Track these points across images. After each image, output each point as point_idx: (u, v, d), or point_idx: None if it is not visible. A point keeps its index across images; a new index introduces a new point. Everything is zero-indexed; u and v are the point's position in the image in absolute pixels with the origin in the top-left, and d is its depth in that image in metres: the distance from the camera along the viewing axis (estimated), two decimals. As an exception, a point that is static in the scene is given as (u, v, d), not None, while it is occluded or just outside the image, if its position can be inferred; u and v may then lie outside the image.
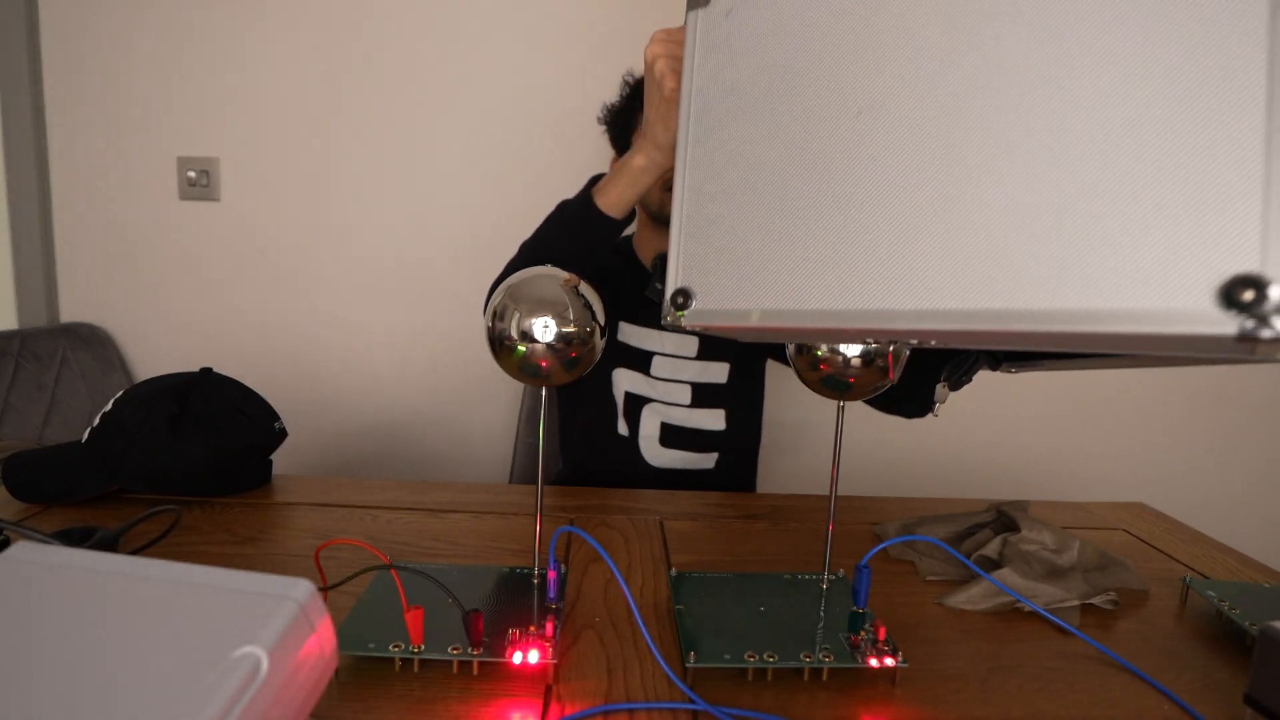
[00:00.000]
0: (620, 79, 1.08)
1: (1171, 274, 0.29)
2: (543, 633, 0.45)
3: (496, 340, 0.48)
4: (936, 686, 0.45)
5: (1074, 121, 0.32)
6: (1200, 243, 0.28)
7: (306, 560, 0.59)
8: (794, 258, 0.42)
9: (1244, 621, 0.51)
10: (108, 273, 1.50)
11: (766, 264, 0.43)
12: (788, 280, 0.42)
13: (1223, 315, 0.28)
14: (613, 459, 1.03)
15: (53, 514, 0.66)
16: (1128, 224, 0.30)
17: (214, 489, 0.73)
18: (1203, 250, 0.28)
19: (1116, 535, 0.75)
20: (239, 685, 0.27)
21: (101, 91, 1.45)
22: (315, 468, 1.52)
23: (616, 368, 1.03)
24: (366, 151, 1.47)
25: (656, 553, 0.64)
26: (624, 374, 1.02)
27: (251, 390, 0.79)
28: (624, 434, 1.02)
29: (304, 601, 0.32)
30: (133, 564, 0.33)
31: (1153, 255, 0.30)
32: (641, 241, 1.08)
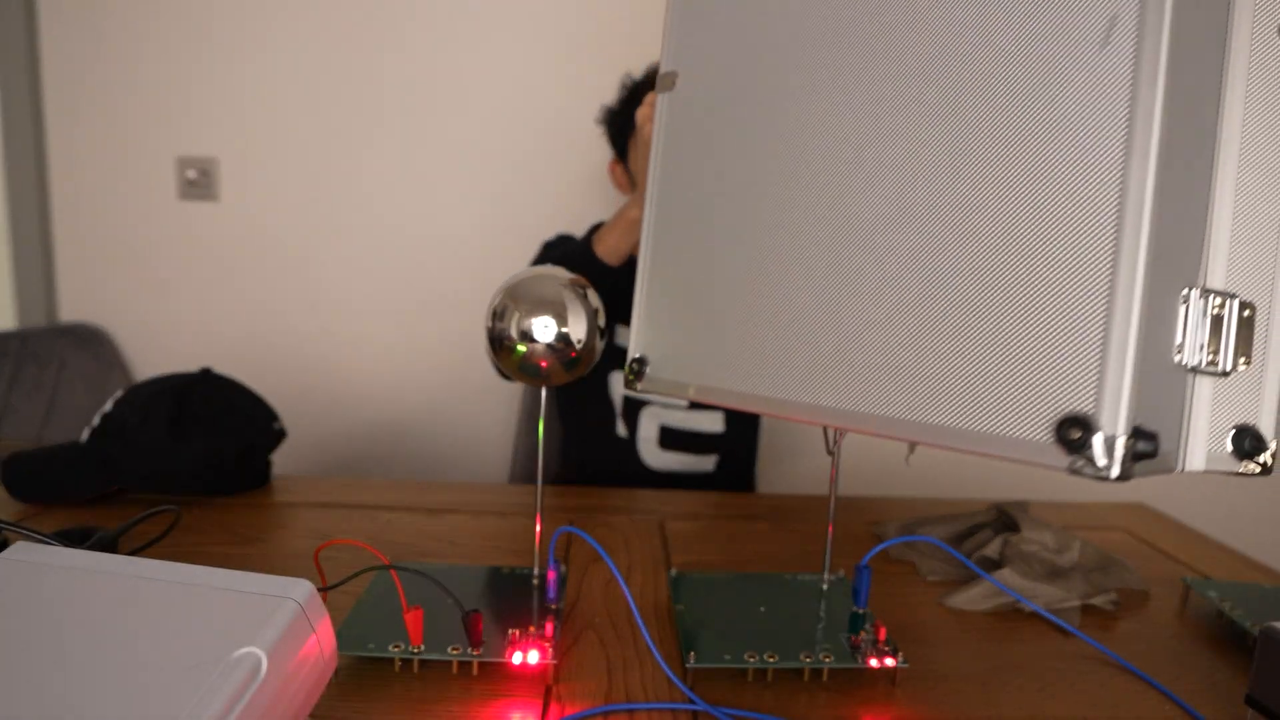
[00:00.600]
0: (619, 81, 1.08)
1: (1017, 406, 0.32)
2: (543, 633, 0.45)
3: (496, 340, 0.48)
4: (936, 686, 0.45)
5: (943, 260, 0.35)
6: (1043, 380, 0.31)
7: (306, 560, 0.59)
8: (720, 342, 0.46)
9: (1245, 622, 0.51)
10: (108, 273, 1.50)
11: (701, 343, 0.47)
12: (716, 361, 0.47)
13: (1055, 450, 0.30)
14: (612, 461, 1.03)
15: (53, 514, 0.66)
16: (986, 357, 0.33)
17: (214, 489, 0.73)
18: (1044, 387, 0.31)
19: (1116, 535, 0.75)
20: (239, 685, 0.27)
21: (101, 91, 1.45)
22: (315, 468, 1.52)
23: (614, 370, 1.03)
24: (367, 151, 1.47)
25: (656, 553, 0.64)
26: (621, 376, 1.02)
27: (251, 390, 0.79)
28: (623, 435, 1.02)
29: (304, 601, 0.32)
30: (132, 564, 0.33)
31: (1004, 387, 0.32)
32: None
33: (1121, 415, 0.29)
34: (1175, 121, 0.30)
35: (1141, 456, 0.29)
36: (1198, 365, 0.31)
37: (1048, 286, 0.32)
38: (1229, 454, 0.33)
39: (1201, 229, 0.32)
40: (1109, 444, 0.29)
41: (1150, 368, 0.30)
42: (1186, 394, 0.32)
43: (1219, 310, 0.32)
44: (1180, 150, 0.30)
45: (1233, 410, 0.33)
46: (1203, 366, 0.32)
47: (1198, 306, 0.31)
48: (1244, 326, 0.32)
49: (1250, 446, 0.32)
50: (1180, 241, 0.31)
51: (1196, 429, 0.32)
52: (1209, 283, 0.32)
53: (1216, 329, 0.32)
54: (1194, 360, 0.31)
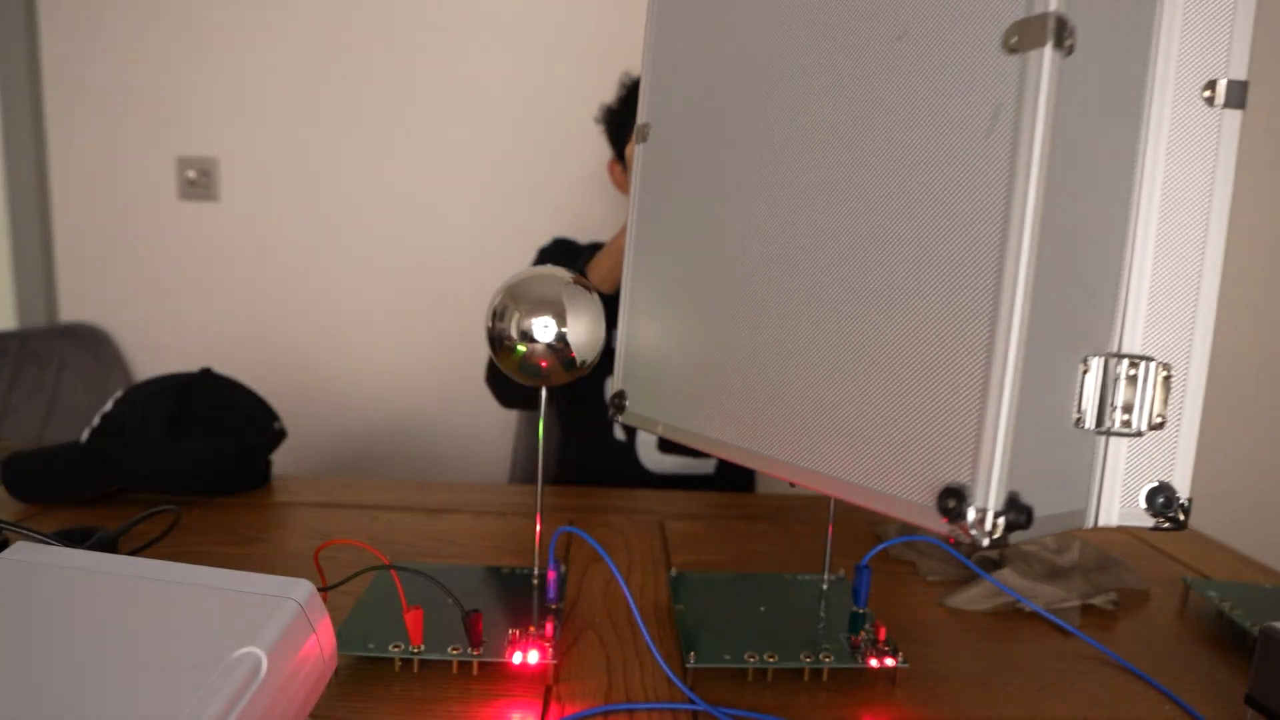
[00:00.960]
0: (618, 80, 1.08)
1: (909, 471, 0.34)
2: (543, 633, 0.45)
3: (496, 340, 0.48)
4: (936, 686, 0.45)
5: (849, 331, 0.37)
6: (930, 451, 0.33)
7: (306, 560, 0.59)
8: (684, 385, 0.49)
9: (1245, 622, 0.51)
10: (108, 273, 1.50)
11: (669, 384, 0.50)
12: (681, 402, 0.49)
13: (935, 514, 0.32)
14: (611, 465, 1.03)
15: (53, 514, 0.66)
16: (885, 425, 0.35)
17: (214, 489, 0.73)
18: (930, 457, 0.33)
19: (1116, 535, 0.75)
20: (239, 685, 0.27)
21: (101, 91, 1.45)
22: (315, 468, 1.52)
23: (610, 375, 1.02)
24: (366, 151, 1.47)
25: (656, 553, 0.64)
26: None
27: (251, 390, 0.79)
28: (621, 439, 1.02)
29: (304, 601, 0.32)
30: (133, 564, 0.33)
31: (899, 452, 0.35)
32: None
33: (993, 490, 0.30)
34: (1069, 201, 0.31)
35: (1015, 527, 0.30)
36: (1110, 428, 0.33)
37: (933, 362, 0.33)
38: (1143, 510, 0.34)
39: (1114, 298, 0.33)
40: (980, 516, 0.30)
41: (1043, 436, 0.32)
42: (1098, 455, 0.34)
43: (1134, 373, 0.33)
44: (1078, 228, 0.31)
45: (1149, 468, 0.34)
46: (1116, 428, 0.33)
47: (1108, 371, 0.33)
48: (1161, 387, 0.33)
49: (1163, 503, 0.34)
50: (1081, 313, 0.32)
51: (1111, 487, 0.34)
52: (1126, 347, 0.34)
53: (1132, 392, 0.33)
54: (1108, 423, 0.33)
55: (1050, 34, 0.29)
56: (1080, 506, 0.34)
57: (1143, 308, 0.34)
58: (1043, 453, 0.32)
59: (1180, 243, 0.34)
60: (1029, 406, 0.31)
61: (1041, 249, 0.30)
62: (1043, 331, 0.31)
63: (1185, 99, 0.33)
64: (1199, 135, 0.33)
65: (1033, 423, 0.31)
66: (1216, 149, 0.33)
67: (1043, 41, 0.29)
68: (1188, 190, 0.34)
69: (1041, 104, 0.29)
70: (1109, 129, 0.32)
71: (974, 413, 0.31)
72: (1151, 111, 0.33)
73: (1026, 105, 0.29)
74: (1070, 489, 0.33)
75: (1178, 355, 0.34)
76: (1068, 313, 0.32)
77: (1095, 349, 0.33)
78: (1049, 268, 0.30)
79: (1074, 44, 0.29)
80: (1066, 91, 0.30)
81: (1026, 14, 0.29)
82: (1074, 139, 0.30)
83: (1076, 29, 0.29)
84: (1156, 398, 0.33)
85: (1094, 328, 0.33)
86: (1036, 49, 0.29)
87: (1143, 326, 0.34)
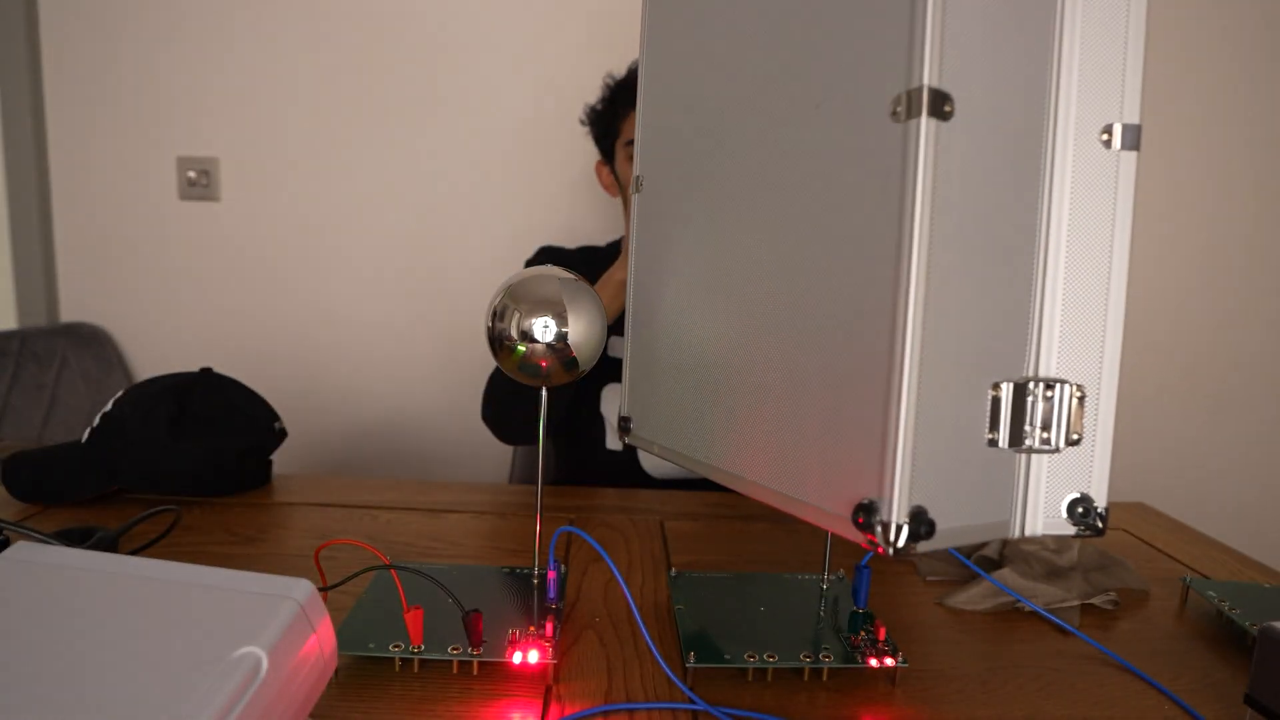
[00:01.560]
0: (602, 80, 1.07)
1: (832, 486, 0.38)
2: (543, 633, 0.45)
3: (496, 340, 0.48)
4: (936, 686, 0.45)
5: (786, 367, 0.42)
6: (847, 468, 0.37)
7: (306, 560, 0.59)
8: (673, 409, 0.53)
9: (1244, 622, 0.51)
10: (108, 273, 1.50)
11: (661, 408, 0.55)
12: (671, 425, 0.53)
13: (853, 527, 0.36)
14: (611, 473, 1.01)
15: (53, 514, 0.66)
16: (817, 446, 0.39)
17: (214, 489, 0.73)
18: (848, 474, 0.37)
19: (1116, 535, 0.75)
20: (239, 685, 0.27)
21: (101, 91, 1.45)
22: (315, 468, 1.52)
23: (608, 384, 1.01)
24: (366, 151, 1.47)
25: (656, 553, 0.64)
26: (617, 389, 1.00)
27: (251, 390, 0.79)
28: (616, 449, 1.01)
29: (304, 601, 0.32)
30: (133, 564, 0.33)
31: (828, 471, 0.38)
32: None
33: (896, 505, 0.34)
34: (967, 245, 0.34)
35: (918, 538, 0.34)
36: (1031, 446, 0.36)
37: (846, 391, 0.37)
38: (1065, 520, 0.37)
39: (1025, 327, 0.36)
40: (886, 528, 0.34)
41: (953, 455, 0.35)
42: (1019, 470, 0.37)
43: (1050, 394, 0.36)
44: (981, 267, 0.35)
45: (1069, 481, 0.37)
46: (1036, 446, 0.36)
47: (1022, 395, 0.36)
48: (1076, 407, 0.37)
49: (1082, 512, 0.37)
50: (991, 342, 0.36)
51: (1035, 499, 0.37)
52: (1042, 371, 0.37)
53: (1049, 412, 0.36)
54: (1029, 441, 0.36)
55: (925, 106, 0.32)
56: (1004, 518, 0.37)
57: (1056, 335, 0.37)
58: (954, 470, 0.35)
59: (1088, 275, 0.37)
60: (934, 429, 0.34)
61: (937, 289, 0.33)
62: (945, 361, 0.34)
63: (1085, 142, 0.36)
64: (1099, 176, 0.36)
65: (940, 443, 0.35)
66: (1116, 188, 0.36)
67: (919, 112, 0.32)
68: (1092, 227, 0.37)
69: (921, 168, 0.32)
70: (1010, 174, 0.35)
71: (879, 436, 0.35)
72: (1055, 155, 0.36)
73: (909, 169, 0.33)
74: (990, 501, 0.37)
75: (1090, 377, 0.37)
76: (974, 342, 0.35)
77: (1007, 374, 0.36)
78: (947, 305, 0.34)
79: (953, 110, 0.33)
80: (956, 149, 0.33)
81: (906, 87, 0.33)
82: (970, 187, 0.34)
83: (957, 98, 0.33)
84: (1072, 417, 0.37)
85: (1006, 355, 0.36)
86: (915, 119, 0.33)
87: (1057, 352, 0.37)
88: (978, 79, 0.34)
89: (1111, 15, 0.36)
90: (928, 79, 0.32)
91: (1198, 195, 1.54)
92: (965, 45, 0.33)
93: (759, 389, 0.44)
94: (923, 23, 0.32)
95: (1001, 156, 0.35)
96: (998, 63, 0.34)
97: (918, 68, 0.33)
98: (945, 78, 0.33)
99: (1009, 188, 0.35)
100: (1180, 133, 1.52)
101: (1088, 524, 0.37)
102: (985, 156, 0.34)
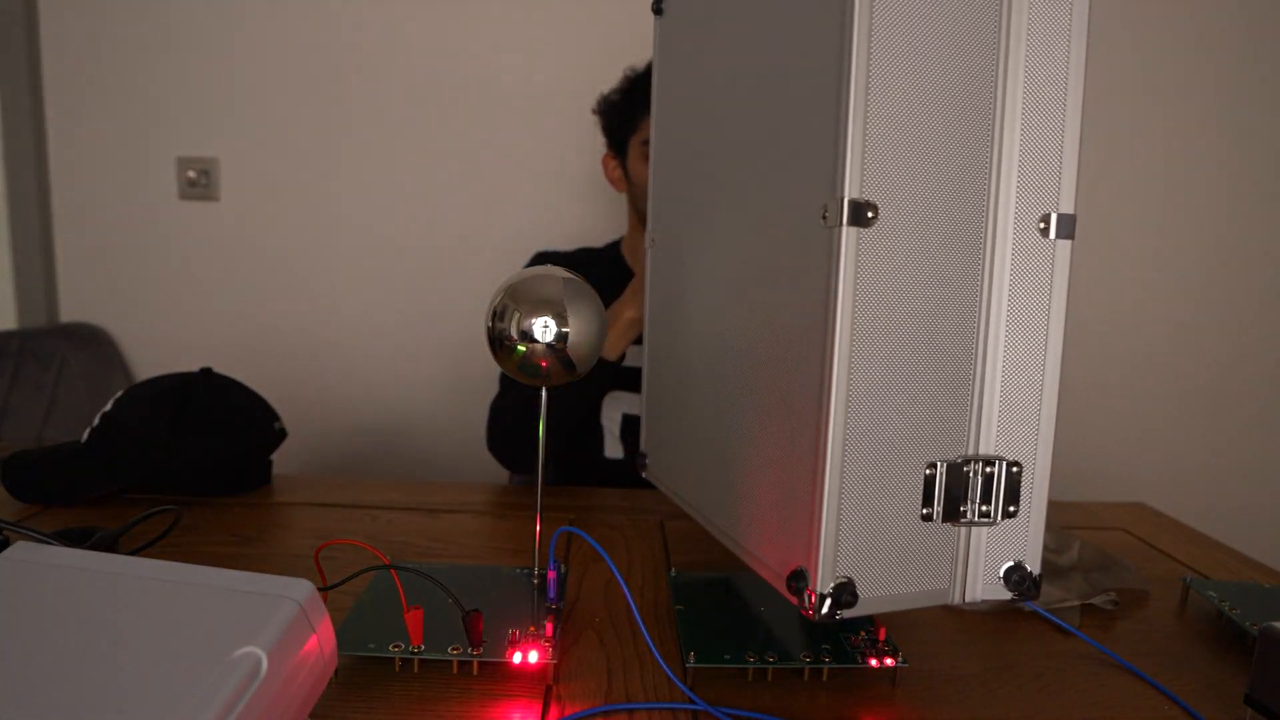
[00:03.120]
0: (622, 72, 1.06)
1: (779, 551, 0.40)
2: (543, 633, 0.45)
3: (496, 340, 0.48)
4: (936, 686, 0.45)
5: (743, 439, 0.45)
6: (789, 537, 0.39)
7: (306, 560, 0.59)
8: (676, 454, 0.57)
9: (1244, 622, 0.51)
10: (108, 273, 1.50)
11: (667, 448, 0.59)
12: (674, 467, 0.57)
13: (788, 592, 0.38)
14: (611, 482, 1.00)
15: (53, 514, 0.66)
16: (767, 512, 0.42)
17: (214, 489, 0.73)
18: (789, 542, 0.39)
19: (1116, 535, 0.75)
20: (239, 685, 0.27)
21: (101, 91, 1.45)
22: (315, 468, 1.52)
23: (609, 392, 0.99)
24: (366, 151, 1.47)
25: (656, 553, 0.64)
26: (618, 397, 0.99)
27: (251, 390, 0.79)
28: (617, 456, 0.99)
29: (304, 601, 0.32)
30: (133, 564, 0.33)
31: (775, 535, 0.41)
32: (631, 245, 1.07)
33: (821, 575, 0.36)
34: (896, 340, 0.36)
35: (841, 606, 0.36)
36: (971, 519, 0.38)
37: (784, 469, 0.40)
38: (1001, 585, 0.39)
39: (964, 408, 0.38)
40: (813, 597, 0.36)
41: (885, 529, 0.37)
42: (959, 542, 0.39)
43: (990, 470, 0.38)
44: (913, 361, 0.37)
45: (1005, 550, 0.39)
46: (975, 519, 0.38)
47: (957, 472, 0.38)
48: (1011, 482, 0.38)
49: (1018, 579, 0.39)
50: (927, 423, 0.38)
51: (975, 568, 0.39)
52: (981, 449, 0.38)
53: (989, 488, 0.38)
54: (969, 515, 0.38)
55: (846, 215, 0.35)
56: (942, 585, 0.39)
57: (995, 414, 0.38)
58: (886, 543, 0.37)
59: (1025, 356, 0.38)
60: (865, 505, 0.37)
61: (862, 378, 0.36)
62: (875, 442, 0.37)
63: (1023, 230, 0.38)
64: (1036, 262, 0.38)
65: (872, 518, 0.37)
66: (1051, 274, 0.38)
67: (840, 222, 0.35)
68: (1029, 312, 0.38)
69: (843, 270, 0.35)
70: (946, 265, 0.37)
71: (809, 511, 0.37)
72: (995, 244, 0.38)
73: (833, 270, 0.35)
74: (926, 571, 0.38)
75: (1026, 452, 0.39)
76: (907, 425, 0.37)
77: (942, 454, 0.38)
78: (876, 391, 0.36)
79: (876, 216, 0.35)
80: (884, 250, 0.36)
81: (831, 197, 0.36)
82: (903, 282, 0.36)
83: (883, 204, 0.35)
84: (1008, 492, 0.38)
85: (941, 435, 0.38)
86: (839, 226, 0.35)
87: (996, 430, 0.38)
88: (909, 183, 0.36)
89: (1049, 103, 0.37)
90: (848, 191, 0.35)
91: (1198, 195, 1.54)
92: (893, 155, 0.35)
93: (734, 453, 0.47)
94: (844, 137, 0.35)
95: (937, 249, 0.37)
96: (932, 165, 0.36)
97: (840, 180, 0.35)
98: (870, 187, 0.35)
99: (945, 279, 0.37)
100: (1181, 132, 1.52)
101: (1023, 590, 0.39)
102: (919, 251, 0.37)
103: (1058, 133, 0.37)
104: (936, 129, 0.36)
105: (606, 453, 1.00)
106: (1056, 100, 0.37)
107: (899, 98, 0.35)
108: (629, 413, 0.99)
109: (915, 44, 0.35)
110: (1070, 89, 0.37)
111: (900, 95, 0.35)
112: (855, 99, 0.34)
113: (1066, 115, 0.37)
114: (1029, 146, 0.37)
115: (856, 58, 0.34)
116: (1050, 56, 0.37)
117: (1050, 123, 0.37)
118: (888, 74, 0.35)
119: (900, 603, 0.38)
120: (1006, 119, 0.37)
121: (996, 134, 0.37)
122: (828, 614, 0.36)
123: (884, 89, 0.35)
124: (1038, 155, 0.37)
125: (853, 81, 0.34)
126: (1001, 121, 0.37)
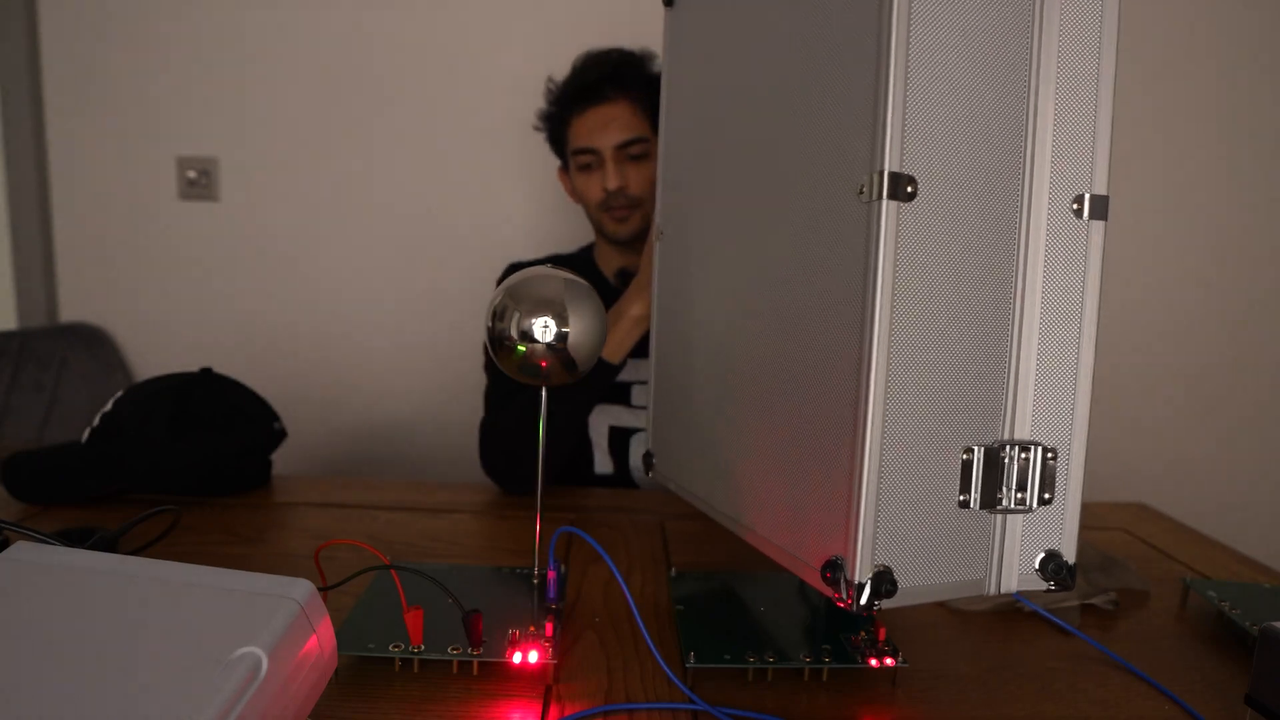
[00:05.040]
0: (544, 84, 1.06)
1: (811, 542, 0.39)
2: (543, 633, 0.45)
3: (496, 340, 0.48)
4: (936, 686, 0.45)
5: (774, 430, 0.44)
6: (824, 527, 0.38)
7: (306, 560, 0.59)
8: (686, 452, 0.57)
9: (1245, 622, 0.51)
10: (108, 273, 1.50)
11: (678, 446, 0.58)
12: (686, 464, 0.57)
13: (823, 581, 0.37)
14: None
15: (53, 514, 0.66)
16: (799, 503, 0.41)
17: (214, 489, 0.73)
18: (823, 533, 0.38)
19: (1117, 535, 0.75)
20: (239, 685, 0.27)
21: (101, 91, 1.45)
22: (315, 468, 1.52)
23: (596, 405, 0.97)
24: (366, 151, 1.47)
25: (656, 553, 0.64)
26: (603, 409, 0.97)
27: (251, 390, 0.79)
28: (606, 471, 0.98)
29: (304, 601, 0.32)
30: (133, 564, 0.33)
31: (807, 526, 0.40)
32: (601, 253, 1.08)
33: (859, 565, 0.35)
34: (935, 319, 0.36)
35: (880, 596, 0.35)
36: (1007, 506, 0.37)
37: (820, 458, 0.39)
38: (1037, 575, 0.38)
39: (999, 392, 0.37)
40: (849, 586, 0.35)
41: (923, 517, 0.36)
42: (994, 530, 0.38)
43: (1025, 456, 0.37)
44: (951, 331, 0.36)
45: (1041, 539, 0.38)
46: (1011, 507, 0.37)
47: (994, 458, 0.37)
48: (1047, 469, 0.38)
49: (1054, 568, 0.38)
50: (962, 410, 0.37)
51: (1010, 558, 0.38)
52: (1016, 433, 0.38)
53: (1024, 473, 0.37)
54: (1005, 502, 0.37)
55: (886, 188, 0.34)
56: (978, 575, 0.38)
57: (1030, 398, 0.38)
58: (924, 531, 0.36)
59: (1060, 339, 0.38)
60: (902, 491, 0.36)
61: (901, 359, 0.35)
62: (912, 426, 0.36)
63: (1057, 211, 0.37)
64: (1070, 243, 0.38)
65: (909, 505, 0.36)
66: (1086, 255, 0.38)
67: (879, 195, 0.34)
68: (1063, 293, 0.38)
69: (883, 245, 0.34)
70: (982, 244, 0.37)
71: (845, 498, 0.36)
72: (1029, 224, 0.37)
73: (871, 246, 0.35)
74: (963, 560, 0.38)
75: (1061, 438, 0.38)
76: (944, 409, 0.37)
77: (978, 438, 0.37)
78: (913, 374, 0.35)
79: (916, 191, 0.34)
80: (923, 225, 0.35)
81: (870, 170, 0.35)
82: (940, 260, 0.36)
83: (923, 178, 0.35)
84: (1044, 478, 0.38)
85: (978, 419, 0.37)
86: (878, 200, 0.34)
87: (1030, 414, 0.38)
88: (946, 160, 0.35)
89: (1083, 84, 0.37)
90: (889, 164, 0.34)
91: (1201, 195, 1.54)
92: (930, 131, 0.35)
93: (756, 443, 0.46)
94: (884, 109, 0.34)
95: (973, 228, 0.36)
96: (968, 143, 0.36)
97: (880, 153, 0.34)
98: (909, 161, 0.34)
99: (981, 259, 0.37)
100: (1181, 132, 1.52)
101: (1059, 580, 0.38)
102: (956, 229, 0.36)
103: (1090, 112, 0.37)
104: (973, 106, 0.36)
105: (596, 469, 0.99)
106: (1089, 79, 0.37)
107: (937, 74, 0.35)
108: (615, 425, 0.98)
109: (954, 20, 0.35)
110: (1103, 69, 0.37)
111: (938, 72, 0.35)
112: (895, 72, 0.34)
113: (1099, 94, 0.37)
114: (1062, 126, 0.37)
115: (896, 32, 0.34)
116: (1083, 36, 0.37)
117: (1083, 104, 0.37)
118: (926, 49, 0.34)
119: (936, 593, 0.37)
120: (1041, 97, 0.36)
121: (1030, 112, 0.37)
122: (866, 604, 0.35)
123: (922, 64, 0.34)
124: (1071, 135, 0.37)
125: (893, 56, 0.34)
126: (1036, 100, 0.36)
